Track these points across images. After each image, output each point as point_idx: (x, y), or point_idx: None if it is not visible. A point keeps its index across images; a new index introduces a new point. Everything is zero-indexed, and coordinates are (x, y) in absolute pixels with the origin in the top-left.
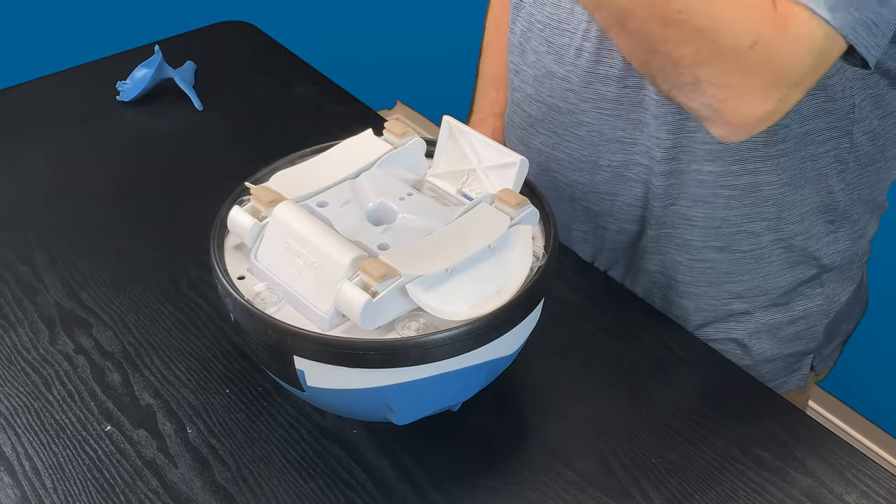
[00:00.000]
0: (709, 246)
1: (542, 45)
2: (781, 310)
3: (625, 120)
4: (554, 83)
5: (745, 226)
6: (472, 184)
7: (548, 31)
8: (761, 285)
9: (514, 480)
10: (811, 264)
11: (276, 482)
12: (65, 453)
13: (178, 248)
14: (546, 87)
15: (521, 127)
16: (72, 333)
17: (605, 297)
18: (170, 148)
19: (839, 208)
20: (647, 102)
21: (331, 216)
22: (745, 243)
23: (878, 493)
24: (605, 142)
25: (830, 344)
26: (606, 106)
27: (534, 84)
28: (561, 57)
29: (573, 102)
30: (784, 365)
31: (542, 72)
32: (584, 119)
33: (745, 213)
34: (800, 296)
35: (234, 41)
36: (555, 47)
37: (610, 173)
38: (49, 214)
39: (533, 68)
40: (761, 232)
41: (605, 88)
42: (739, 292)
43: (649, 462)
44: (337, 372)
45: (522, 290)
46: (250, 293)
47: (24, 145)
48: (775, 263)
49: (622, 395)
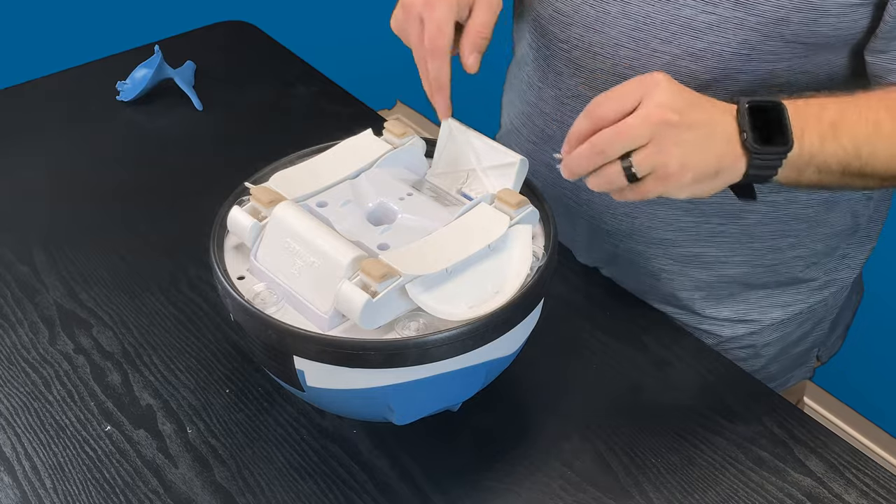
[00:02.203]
0: (733, 261)
1: (566, 67)
2: (793, 320)
3: None
4: (580, 106)
5: (771, 242)
6: (472, 184)
7: (575, 53)
8: (777, 298)
9: (514, 480)
10: (822, 280)
11: (276, 482)
12: (65, 453)
13: (178, 248)
14: (569, 108)
15: (529, 140)
16: (72, 333)
17: (605, 297)
18: (170, 148)
19: (860, 230)
20: None
21: (331, 216)
22: (769, 258)
23: (878, 493)
24: None
25: (833, 333)
26: None
27: (552, 103)
28: (592, 81)
29: None
30: (790, 362)
31: (565, 93)
32: None
33: (776, 228)
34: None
35: (234, 41)
36: (584, 71)
37: None
38: (49, 214)
39: (553, 88)
40: (785, 248)
41: None
42: (755, 303)
43: (649, 462)
44: (337, 372)
45: (522, 290)
46: (250, 293)
47: (24, 145)
48: (792, 276)
49: (622, 395)
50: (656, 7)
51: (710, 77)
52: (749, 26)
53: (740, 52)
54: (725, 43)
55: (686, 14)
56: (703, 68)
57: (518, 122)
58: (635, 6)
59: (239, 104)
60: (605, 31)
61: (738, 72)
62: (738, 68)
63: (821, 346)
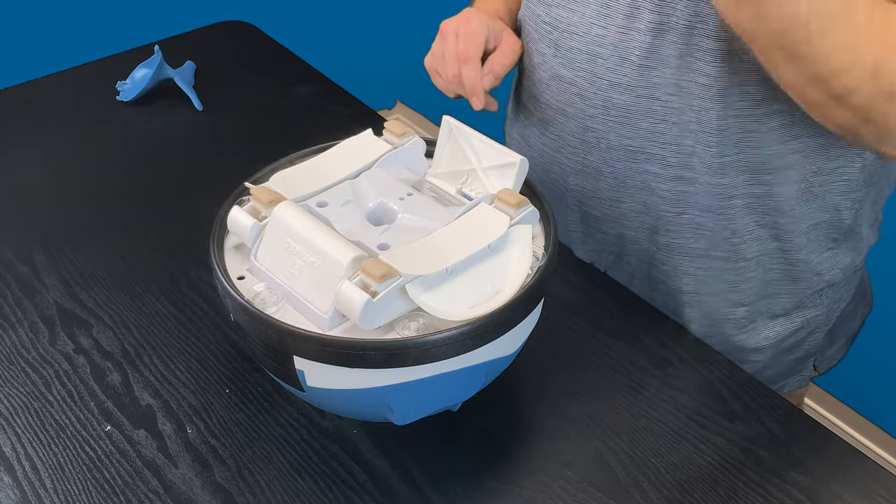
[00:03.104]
0: (714, 255)
1: (548, 48)
2: (782, 321)
3: (634, 129)
4: (561, 87)
5: (755, 232)
6: (472, 184)
7: (556, 34)
8: (763, 296)
9: (514, 480)
10: (812, 280)
11: (276, 482)
12: (65, 453)
13: (178, 248)
14: (552, 90)
15: (523, 125)
16: (72, 333)
17: (605, 297)
18: (170, 148)
19: (844, 226)
20: (660, 112)
21: (331, 216)
22: (751, 250)
23: (878, 492)
24: (611, 149)
25: (832, 346)
26: (616, 114)
27: (539, 85)
28: (570, 61)
29: (580, 108)
30: (785, 369)
31: (548, 74)
32: (590, 125)
33: (756, 220)
34: (801, 307)
35: (234, 41)
36: (563, 51)
37: (614, 180)
38: (49, 214)
39: (539, 70)
40: (766, 239)
41: (619, 97)
42: (741, 301)
43: (649, 462)
44: (337, 372)
45: (522, 290)
46: (250, 293)
47: (24, 145)
48: (776, 272)
49: (622, 395)
50: None
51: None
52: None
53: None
54: (680, 14)
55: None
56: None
57: (512, 110)
58: None
59: (239, 104)
60: (580, 9)
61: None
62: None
63: (818, 356)
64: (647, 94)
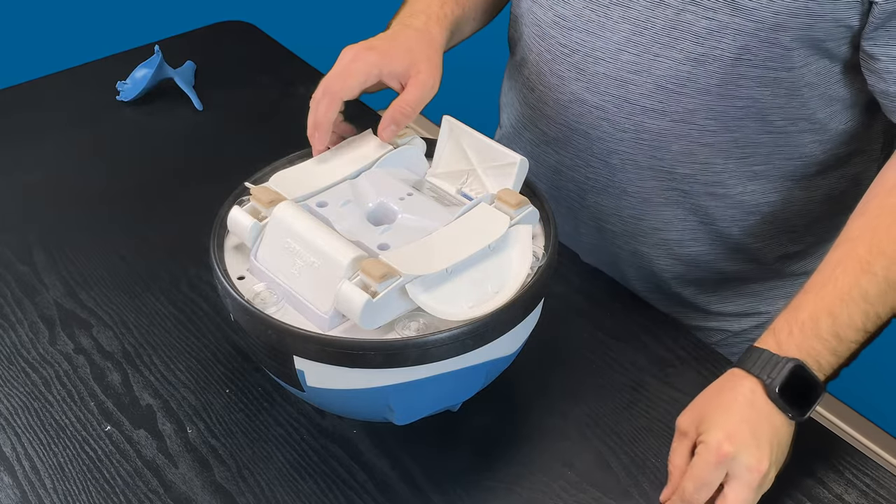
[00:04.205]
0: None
1: (569, 72)
2: None
3: (665, 151)
4: (584, 110)
5: (778, 237)
6: (472, 184)
7: (576, 58)
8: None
9: (514, 480)
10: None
11: (276, 482)
12: (65, 453)
13: (178, 248)
14: (573, 112)
15: (532, 143)
16: (72, 333)
17: (605, 297)
18: (170, 148)
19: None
20: (695, 135)
21: (331, 216)
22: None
23: (878, 493)
24: (639, 169)
25: None
26: (647, 137)
27: (555, 106)
28: (595, 86)
29: (607, 131)
30: None
31: (567, 97)
32: (617, 148)
33: (779, 226)
34: None
35: (234, 41)
36: (586, 75)
37: (637, 199)
38: (49, 214)
39: (555, 92)
40: (786, 243)
41: (651, 122)
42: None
43: (649, 462)
44: (337, 372)
45: (522, 290)
46: (250, 293)
47: (24, 145)
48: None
49: (622, 395)
50: (656, 12)
51: (711, 82)
52: (748, 32)
53: (741, 58)
54: (725, 47)
55: (686, 19)
56: (705, 73)
57: (519, 124)
58: (636, 11)
59: (239, 104)
60: (606, 35)
61: (741, 77)
62: (740, 73)
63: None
64: (682, 119)
